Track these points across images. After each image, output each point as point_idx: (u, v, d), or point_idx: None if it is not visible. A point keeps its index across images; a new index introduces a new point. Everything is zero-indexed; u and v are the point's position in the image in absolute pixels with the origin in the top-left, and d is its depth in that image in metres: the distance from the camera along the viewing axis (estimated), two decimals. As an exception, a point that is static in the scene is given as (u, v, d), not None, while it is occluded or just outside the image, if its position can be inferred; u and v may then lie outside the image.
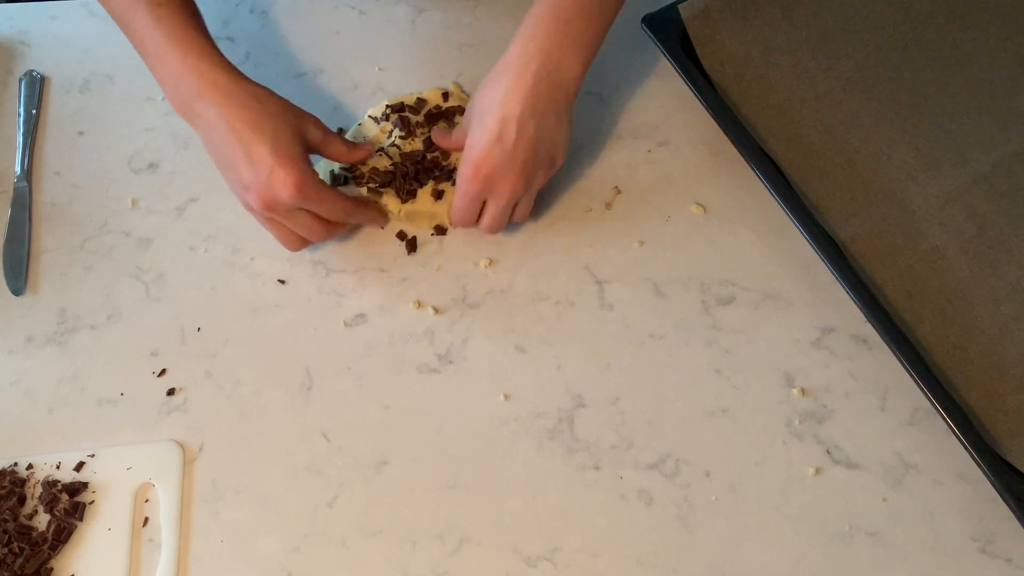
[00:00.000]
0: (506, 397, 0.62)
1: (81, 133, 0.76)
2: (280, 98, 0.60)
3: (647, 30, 0.69)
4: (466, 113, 0.63)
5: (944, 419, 0.54)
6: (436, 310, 0.65)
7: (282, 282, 0.67)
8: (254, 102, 0.58)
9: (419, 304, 0.65)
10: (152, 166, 0.74)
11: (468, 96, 0.73)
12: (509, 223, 0.65)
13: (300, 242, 0.63)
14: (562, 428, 0.60)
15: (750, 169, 0.64)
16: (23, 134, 0.75)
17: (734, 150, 0.65)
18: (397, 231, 0.68)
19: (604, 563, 0.56)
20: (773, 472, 0.58)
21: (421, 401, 0.62)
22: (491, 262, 0.67)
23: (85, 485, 0.60)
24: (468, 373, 0.63)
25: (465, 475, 0.59)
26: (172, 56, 0.59)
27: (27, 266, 0.70)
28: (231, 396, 0.63)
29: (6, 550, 0.57)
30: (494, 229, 0.64)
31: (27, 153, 0.74)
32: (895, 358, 0.57)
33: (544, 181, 0.63)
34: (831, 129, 0.65)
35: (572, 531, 0.57)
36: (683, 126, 0.71)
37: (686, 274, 0.65)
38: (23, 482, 0.60)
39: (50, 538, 0.58)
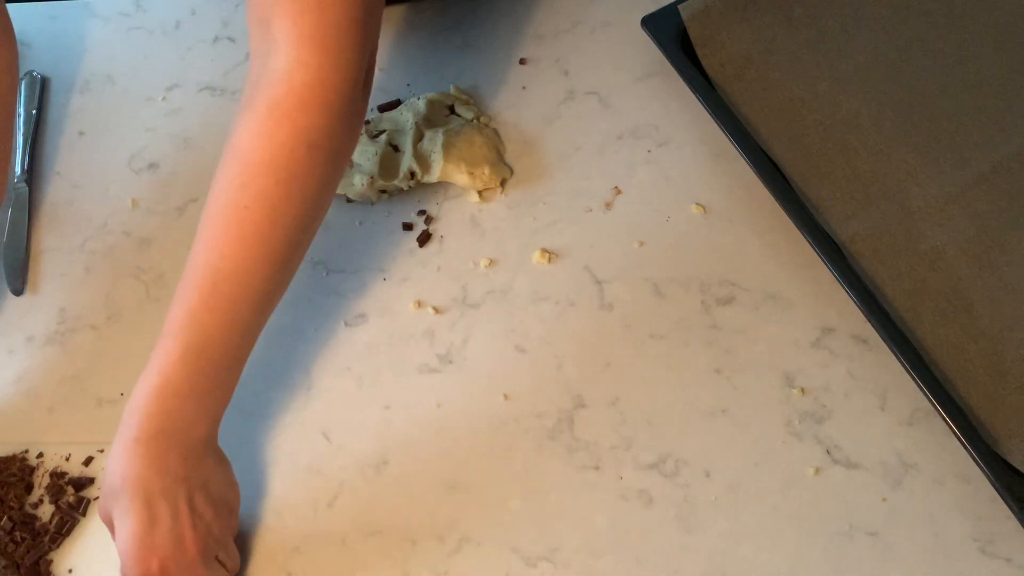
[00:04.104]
0: (506, 397, 0.62)
1: (81, 133, 0.76)
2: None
3: (647, 30, 0.69)
4: (103, 496, 0.52)
5: (944, 419, 0.54)
6: (436, 310, 0.65)
7: (282, 282, 0.67)
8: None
9: (419, 304, 0.65)
10: (152, 166, 0.74)
11: (469, 98, 0.73)
12: None
13: None
14: (562, 428, 0.60)
15: (750, 169, 0.64)
16: (23, 134, 0.75)
17: (734, 150, 0.65)
18: (402, 221, 0.68)
19: (604, 563, 0.56)
20: (773, 472, 0.58)
21: (421, 401, 0.62)
22: (491, 262, 0.67)
23: (91, 480, 0.60)
24: (468, 373, 0.63)
25: (465, 475, 0.59)
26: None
27: (27, 266, 0.70)
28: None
29: (8, 538, 0.58)
30: None
31: (27, 153, 0.74)
32: (895, 358, 0.57)
33: (234, 526, 0.56)
34: (831, 129, 0.65)
35: (572, 531, 0.57)
36: (683, 126, 0.71)
37: (686, 274, 0.65)
38: (32, 470, 0.61)
39: (52, 530, 0.58)
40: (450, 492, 0.59)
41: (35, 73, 0.78)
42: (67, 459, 0.61)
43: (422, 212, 0.69)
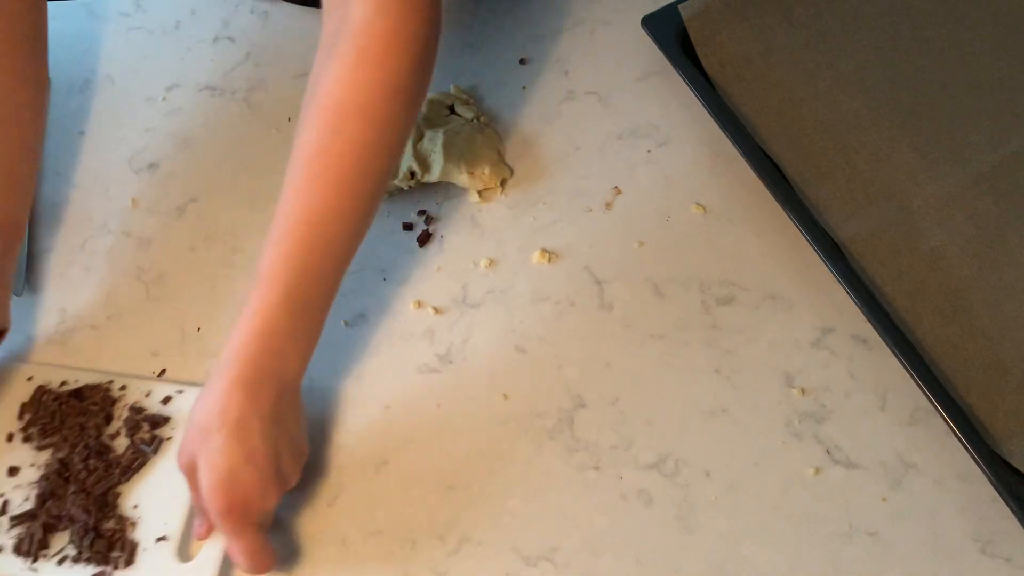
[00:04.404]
0: (506, 397, 0.62)
1: (82, 133, 0.76)
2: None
3: (647, 30, 0.69)
4: (188, 438, 0.53)
5: (944, 419, 0.54)
6: (436, 310, 0.65)
7: (282, 282, 0.67)
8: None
9: (419, 304, 0.65)
10: (152, 166, 0.74)
11: (469, 98, 0.73)
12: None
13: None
14: (562, 428, 0.60)
15: (750, 169, 0.64)
16: (23, 134, 0.75)
17: (734, 150, 0.65)
18: (402, 221, 0.68)
19: (604, 563, 0.56)
20: (773, 472, 0.58)
21: (421, 401, 0.62)
22: (491, 262, 0.67)
23: (167, 420, 0.61)
24: (468, 373, 0.63)
25: (465, 475, 0.59)
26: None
27: (27, 266, 0.70)
28: (231, 396, 0.63)
29: (82, 466, 0.59)
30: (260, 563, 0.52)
31: (27, 153, 0.74)
32: (895, 358, 0.57)
33: (298, 476, 0.56)
34: (831, 129, 0.65)
35: (572, 531, 0.57)
36: (683, 126, 0.71)
37: (686, 274, 0.65)
38: (113, 402, 0.62)
39: (124, 464, 0.59)
40: (450, 492, 0.59)
41: (35, 73, 0.78)
42: (147, 395, 0.62)
43: (422, 212, 0.69)
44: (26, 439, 0.61)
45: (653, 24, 0.69)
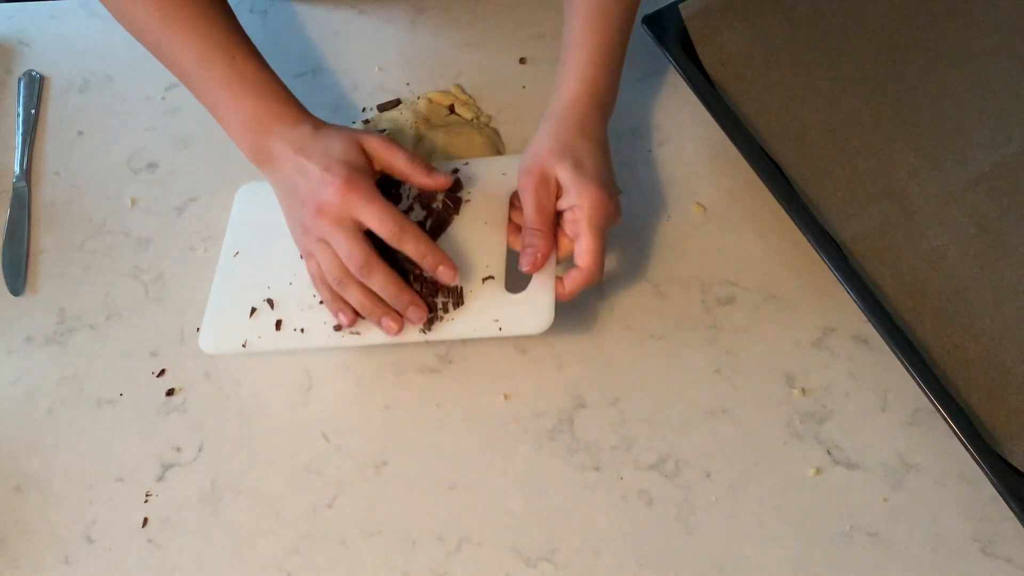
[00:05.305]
0: (506, 397, 0.61)
1: (81, 133, 0.76)
2: (347, 138, 0.58)
3: (647, 30, 0.69)
4: (537, 147, 0.59)
5: (945, 419, 0.54)
6: (436, 310, 0.65)
7: (282, 282, 0.67)
8: (320, 150, 0.58)
9: (419, 304, 0.65)
10: (152, 166, 0.74)
11: (469, 97, 0.73)
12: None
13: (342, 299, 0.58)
14: (562, 428, 0.60)
15: (750, 169, 0.64)
16: (22, 134, 0.75)
17: (734, 150, 0.65)
18: None
19: (604, 563, 0.56)
20: (773, 472, 0.58)
21: (421, 401, 0.62)
22: (491, 262, 0.66)
23: (461, 185, 0.63)
24: (468, 373, 0.63)
25: (465, 475, 0.59)
26: (249, 103, 0.60)
27: (26, 266, 0.70)
28: (231, 396, 0.63)
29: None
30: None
31: (26, 153, 0.74)
32: (896, 358, 0.56)
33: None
34: (832, 129, 0.65)
35: (572, 531, 0.57)
36: (683, 126, 0.71)
37: (686, 274, 0.65)
38: (398, 184, 0.64)
39: (428, 228, 0.61)
40: (450, 492, 0.59)
41: (35, 73, 0.78)
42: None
43: (422, 212, 0.69)
44: None
45: (653, 24, 0.69)
